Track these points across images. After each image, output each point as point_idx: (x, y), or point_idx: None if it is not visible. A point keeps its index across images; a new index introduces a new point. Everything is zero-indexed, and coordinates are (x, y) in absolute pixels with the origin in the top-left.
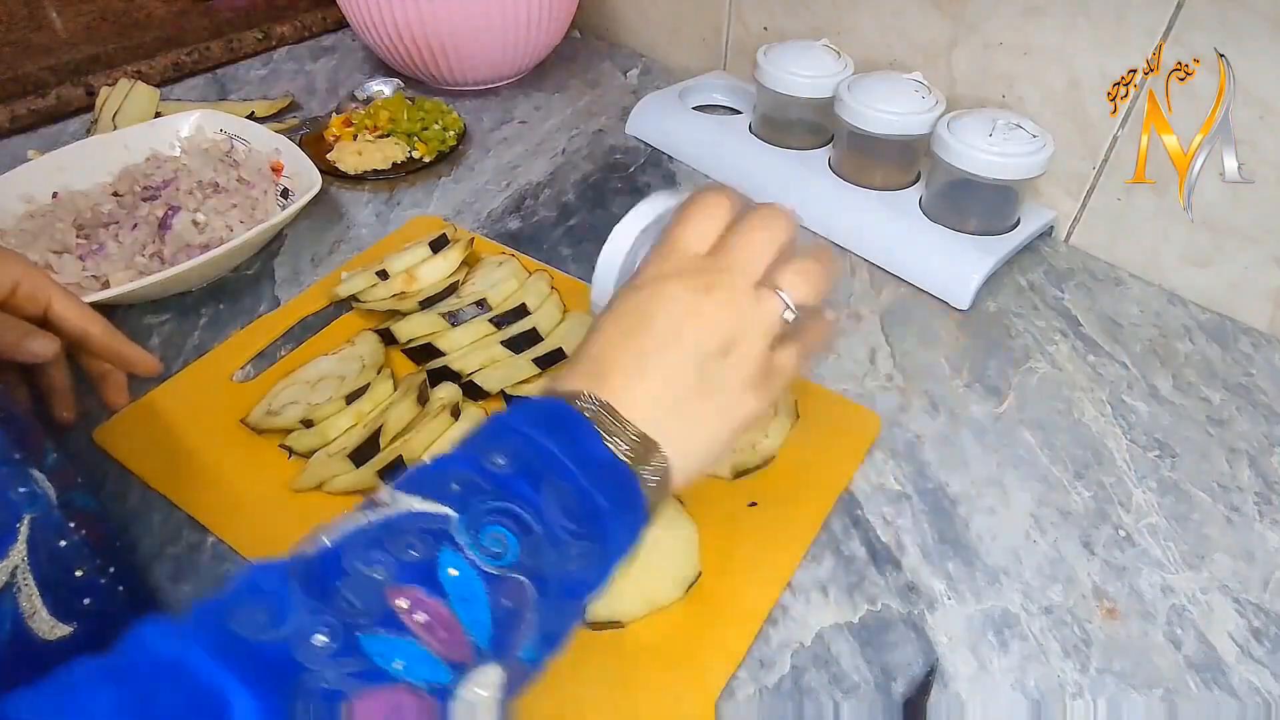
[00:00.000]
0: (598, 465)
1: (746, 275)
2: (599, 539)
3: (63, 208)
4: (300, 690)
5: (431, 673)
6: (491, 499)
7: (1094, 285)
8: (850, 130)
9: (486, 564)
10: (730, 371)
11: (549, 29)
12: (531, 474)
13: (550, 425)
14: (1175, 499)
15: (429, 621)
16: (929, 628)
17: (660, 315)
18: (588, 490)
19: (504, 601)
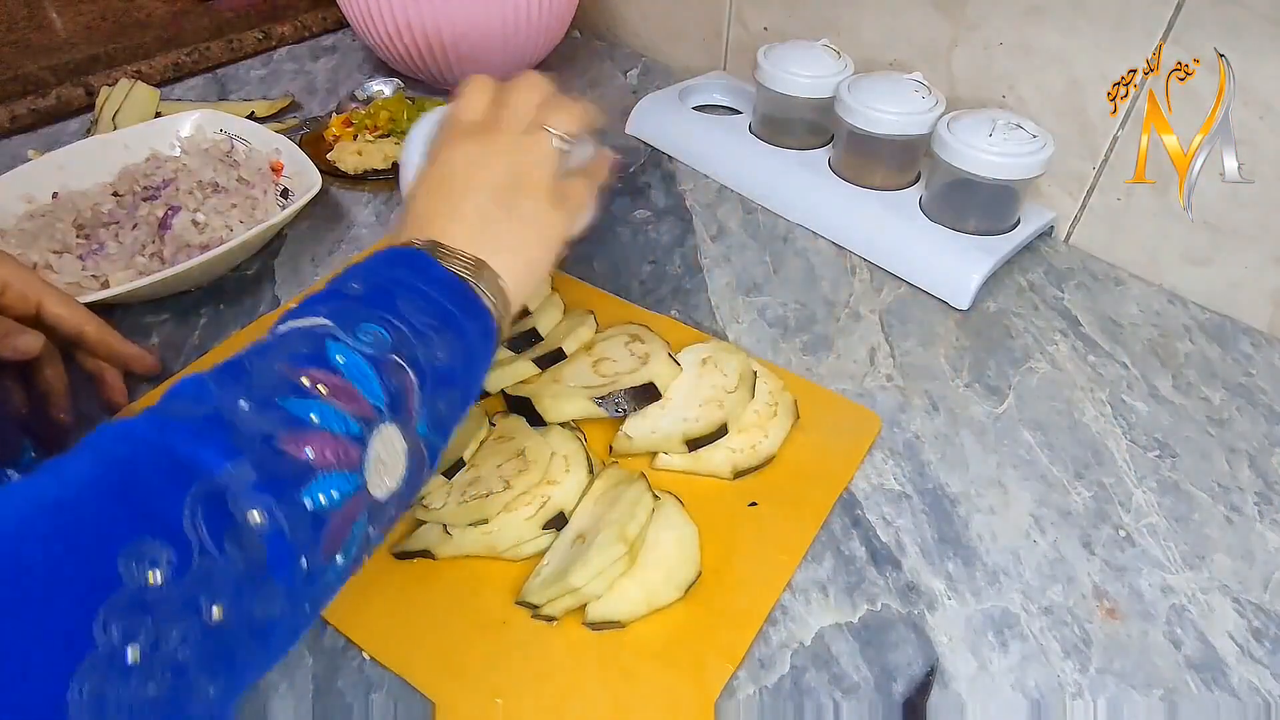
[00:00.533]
0: (438, 280)
1: (517, 122)
2: (456, 331)
3: (63, 208)
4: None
5: (343, 425)
6: (362, 308)
7: (1094, 285)
8: (850, 130)
9: (367, 349)
10: (526, 197)
11: (549, 29)
12: (387, 291)
13: (394, 261)
14: (1175, 499)
15: (331, 389)
16: (929, 628)
17: (457, 167)
18: (435, 297)
19: (388, 378)
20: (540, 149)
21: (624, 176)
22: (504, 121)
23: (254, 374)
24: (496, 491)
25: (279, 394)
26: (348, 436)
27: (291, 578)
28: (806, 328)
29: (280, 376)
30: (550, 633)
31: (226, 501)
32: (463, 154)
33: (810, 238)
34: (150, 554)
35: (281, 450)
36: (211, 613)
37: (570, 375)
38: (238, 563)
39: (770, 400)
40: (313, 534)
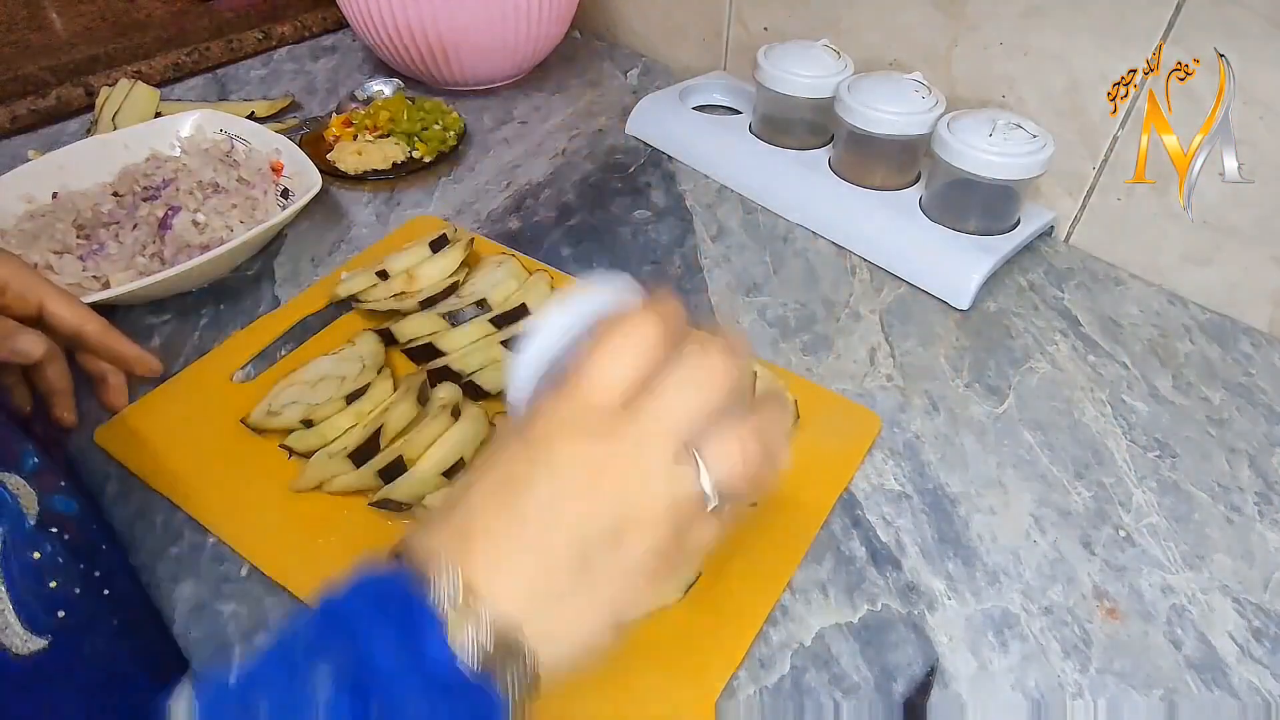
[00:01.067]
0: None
1: (661, 441)
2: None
3: (63, 208)
4: None
5: None
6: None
7: (1094, 285)
8: (850, 130)
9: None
10: (624, 558)
11: (549, 29)
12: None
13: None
14: (1175, 499)
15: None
16: (929, 628)
17: (542, 482)
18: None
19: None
20: (675, 496)
21: (624, 176)
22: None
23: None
24: None
25: None
26: None
27: None
28: (806, 328)
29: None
30: None
31: None
32: (561, 460)
33: (810, 238)
34: None
35: None
36: None
37: None
38: None
39: None
40: None
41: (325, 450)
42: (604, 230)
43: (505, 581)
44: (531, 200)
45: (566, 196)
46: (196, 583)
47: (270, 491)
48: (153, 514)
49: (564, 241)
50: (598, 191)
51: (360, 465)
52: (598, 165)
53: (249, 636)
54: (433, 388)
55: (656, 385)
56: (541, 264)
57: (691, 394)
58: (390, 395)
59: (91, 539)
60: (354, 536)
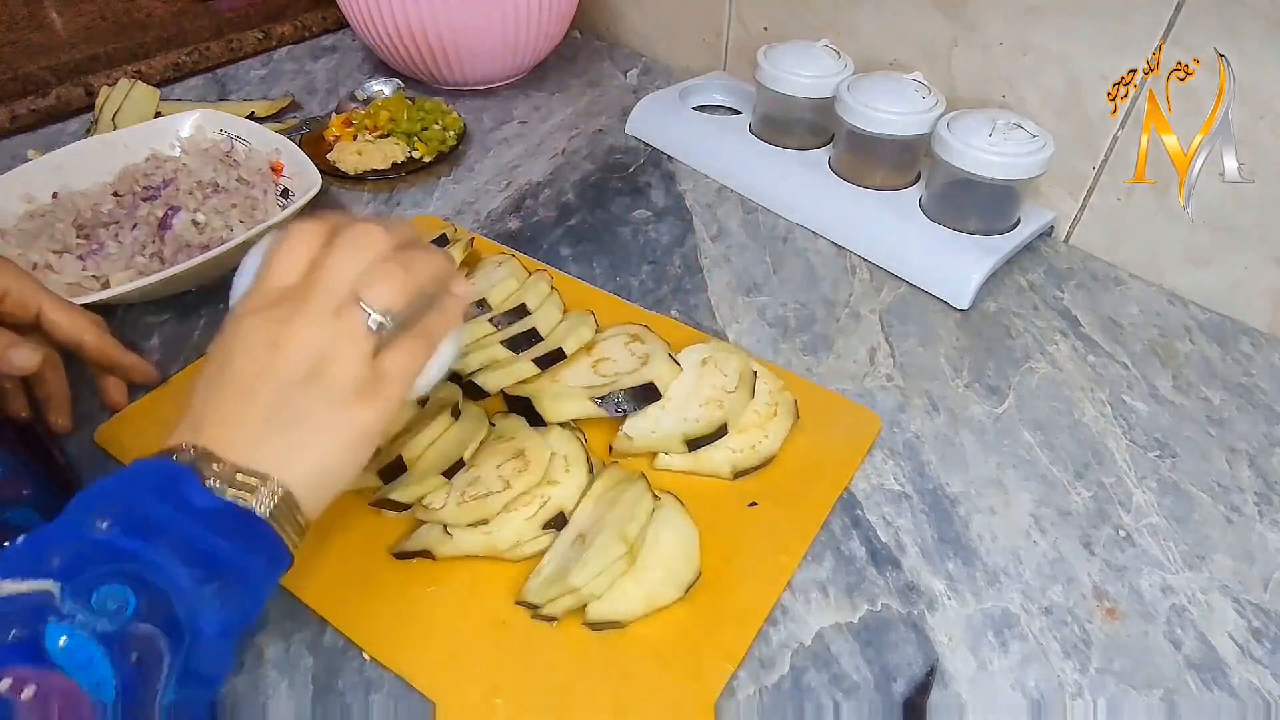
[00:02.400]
0: (206, 514)
1: (329, 295)
2: (230, 578)
3: (63, 208)
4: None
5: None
6: (102, 562)
7: (1094, 285)
8: (850, 130)
9: (101, 625)
10: (323, 391)
11: (549, 29)
12: (141, 530)
13: (153, 482)
14: (1175, 499)
15: (37, 695)
16: (929, 628)
17: (239, 353)
18: (201, 536)
19: (127, 657)
20: (349, 329)
21: (624, 176)
22: (314, 291)
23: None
24: (496, 492)
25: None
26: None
27: None
28: (806, 328)
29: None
30: (550, 633)
31: None
32: (254, 334)
33: (810, 238)
34: None
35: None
36: None
37: (570, 375)
38: None
39: (770, 400)
40: None
41: None
42: (604, 230)
43: (235, 439)
44: (531, 200)
45: (566, 196)
46: None
47: None
48: None
49: (564, 241)
50: (598, 191)
51: None
52: (598, 165)
53: (249, 636)
54: None
55: (320, 259)
56: (541, 264)
57: (347, 257)
58: None
59: None
60: (354, 536)
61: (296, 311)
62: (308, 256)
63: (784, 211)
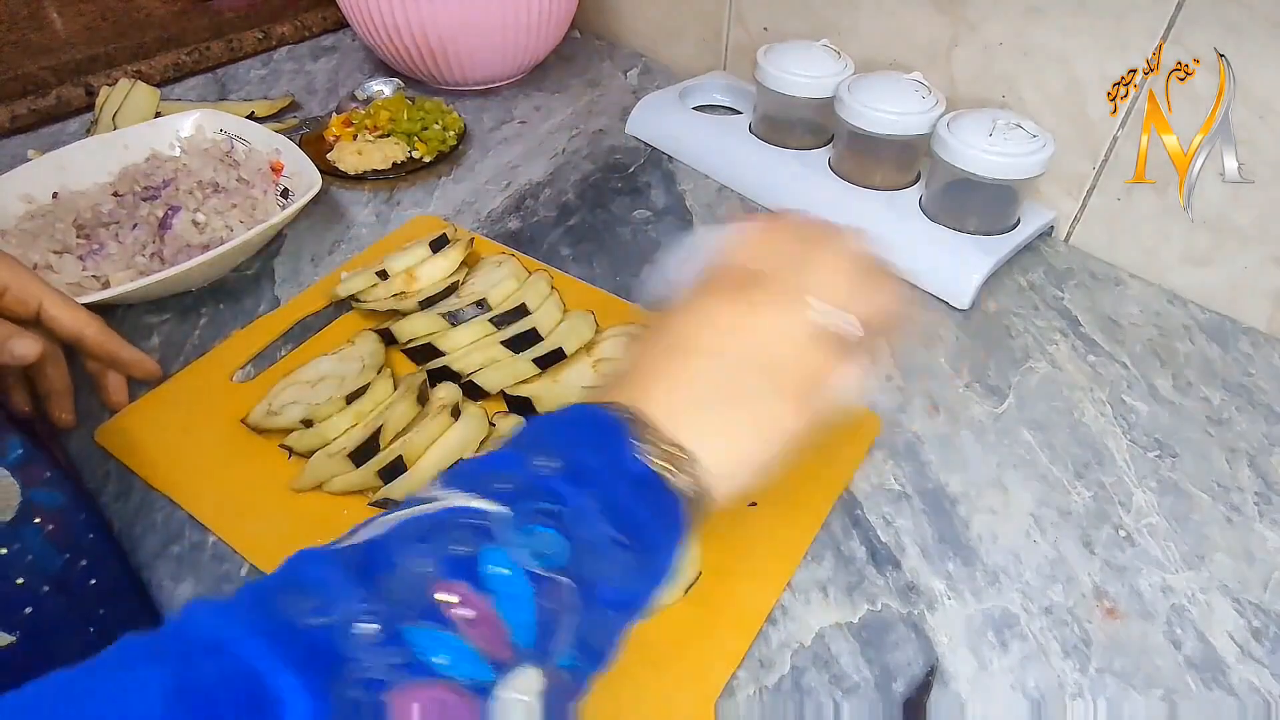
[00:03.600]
0: (637, 477)
1: (797, 294)
2: (641, 549)
3: (63, 208)
4: (343, 678)
5: (473, 669)
6: (540, 499)
7: (1094, 285)
8: (850, 130)
9: (532, 564)
10: (770, 385)
11: (549, 29)
12: (578, 479)
13: (592, 433)
14: (1175, 499)
15: (473, 617)
16: (929, 628)
17: (702, 329)
18: (630, 501)
19: (547, 603)
20: (809, 332)
21: (624, 176)
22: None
23: (393, 572)
24: None
25: (409, 615)
26: (471, 687)
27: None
28: None
29: (419, 584)
30: None
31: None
32: (717, 314)
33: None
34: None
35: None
36: None
37: (570, 375)
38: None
39: None
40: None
41: (325, 450)
42: (604, 230)
43: (675, 407)
44: (531, 200)
45: (566, 196)
46: (196, 582)
47: (270, 491)
48: (153, 513)
49: (564, 241)
50: (598, 191)
51: (360, 465)
52: (598, 165)
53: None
54: (432, 387)
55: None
56: (541, 264)
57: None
58: (390, 395)
59: (77, 530)
60: None
61: (768, 301)
62: (780, 249)
63: None
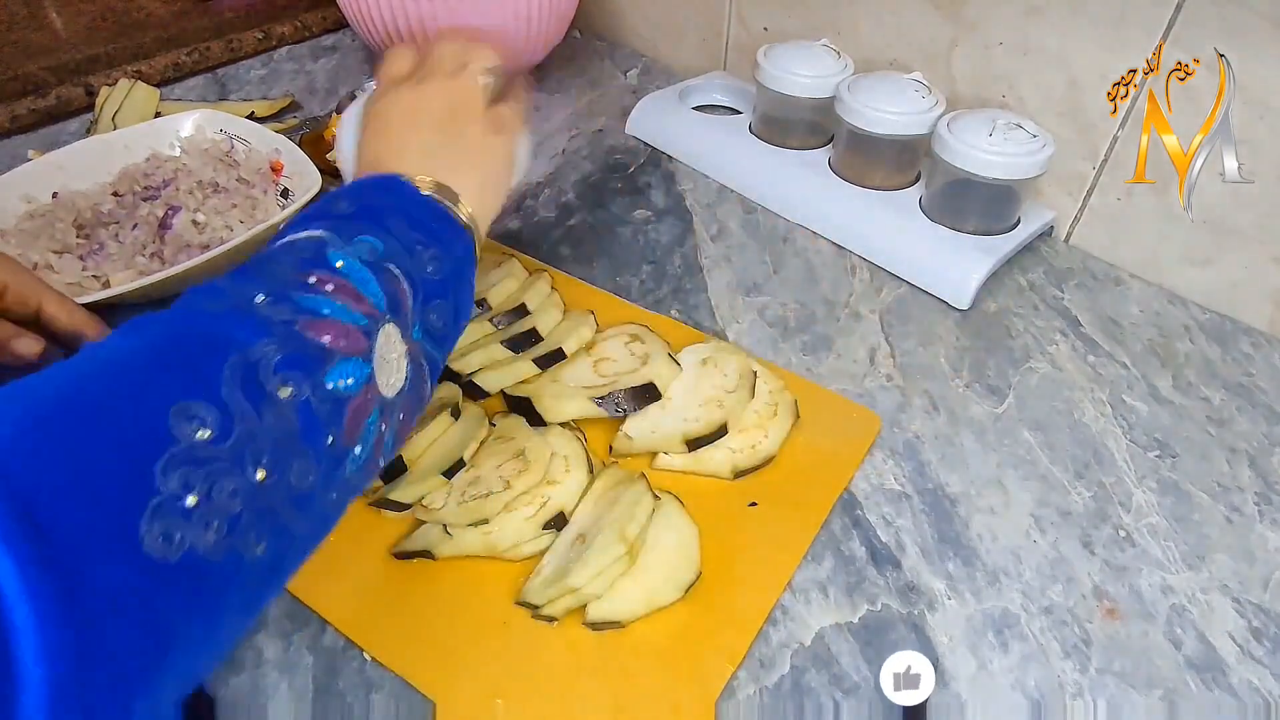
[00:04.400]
0: (417, 202)
1: (444, 66)
2: (441, 247)
3: (63, 208)
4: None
5: (350, 317)
6: (351, 223)
7: (1094, 285)
8: (850, 130)
9: (365, 256)
10: (466, 125)
11: (549, 29)
12: (373, 210)
13: (373, 185)
14: (1175, 499)
15: (336, 287)
16: (929, 628)
17: (394, 112)
18: (418, 216)
19: (387, 282)
20: (469, 84)
21: (624, 176)
22: (432, 66)
23: (263, 275)
24: (496, 491)
25: (290, 289)
26: (356, 327)
27: (321, 451)
28: (806, 328)
29: (289, 276)
30: (550, 633)
31: (258, 373)
32: (397, 101)
33: (810, 238)
34: (198, 414)
35: (302, 334)
36: (256, 473)
37: (570, 375)
38: (274, 429)
39: (770, 400)
40: (335, 413)
41: None
42: (604, 230)
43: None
44: (531, 200)
45: (566, 196)
46: None
47: None
48: None
49: (564, 241)
50: (598, 191)
51: None
52: (598, 165)
53: (249, 636)
54: None
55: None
56: (541, 264)
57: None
58: None
59: None
60: (354, 536)
61: (423, 80)
62: (410, 59)
63: (784, 211)
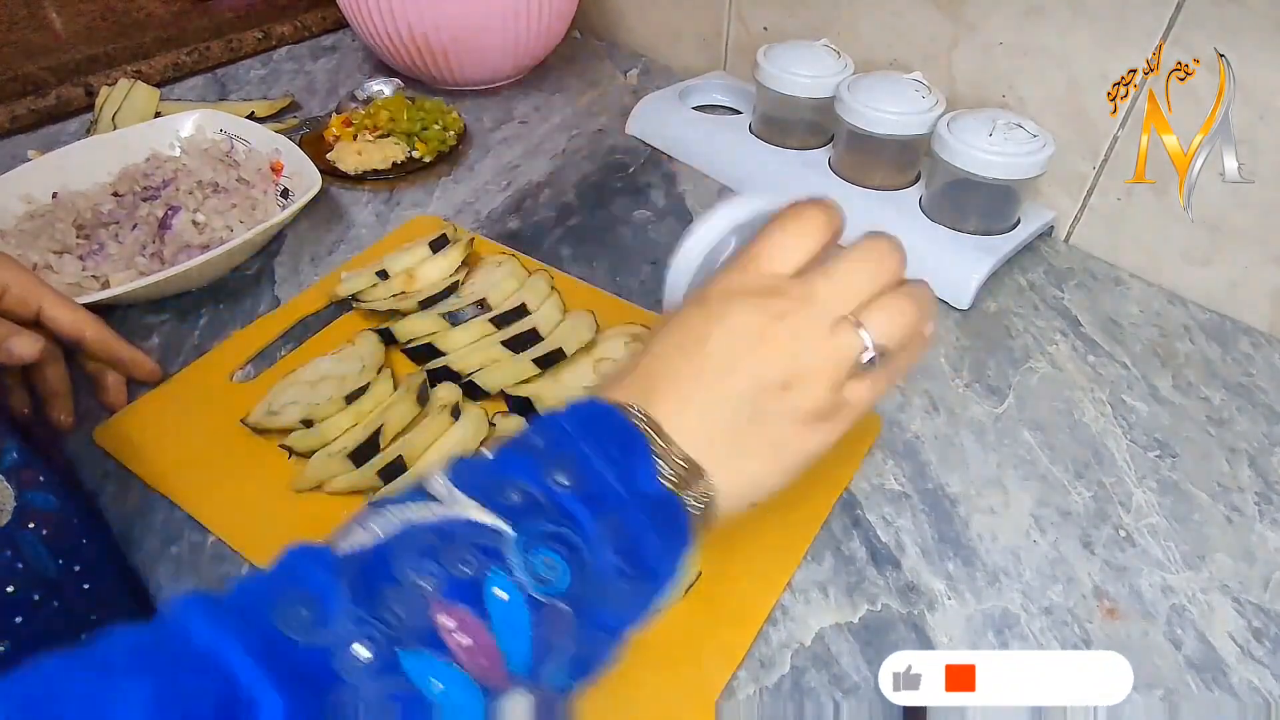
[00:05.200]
0: (652, 499)
1: (829, 308)
2: (645, 578)
3: (63, 208)
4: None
5: (464, 699)
6: (549, 521)
7: (1094, 285)
8: (850, 130)
9: (534, 590)
10: (789, 406)
11: (549, 29)
12: (590, 500)
13: (608, 442)
14: (1175, 499)
15: (471, 645)
16: (929, 628)
17: (719, 336)
18: (641, 528)
19: (544, 630)
20: (839, 352)
21: (624, 176)
22: (816, 297)
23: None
24: None
25: (410, 640)
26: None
27: None
28: None
29: (420, 604)
30: None
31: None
32: (738, 317)
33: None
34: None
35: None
36: None
37: (570, 375)
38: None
39: None
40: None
41: (325, 450)
42: (604, 230)
43: (686, 422)
44: (531, 200)
45: (566, 196)
46: (196, 583)
47: (270, 491)
48: (152, 514)
49: (564, 241)
50: (598, 191)
51: (360, 465)
52: (598, 165)
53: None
54: (432, 388)
55: (830, 262)
56: (541, 264)
57: (859, 274)
58: (390, 395)
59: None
60: None
61: (793, 312)
62: (811, 250)
63: None
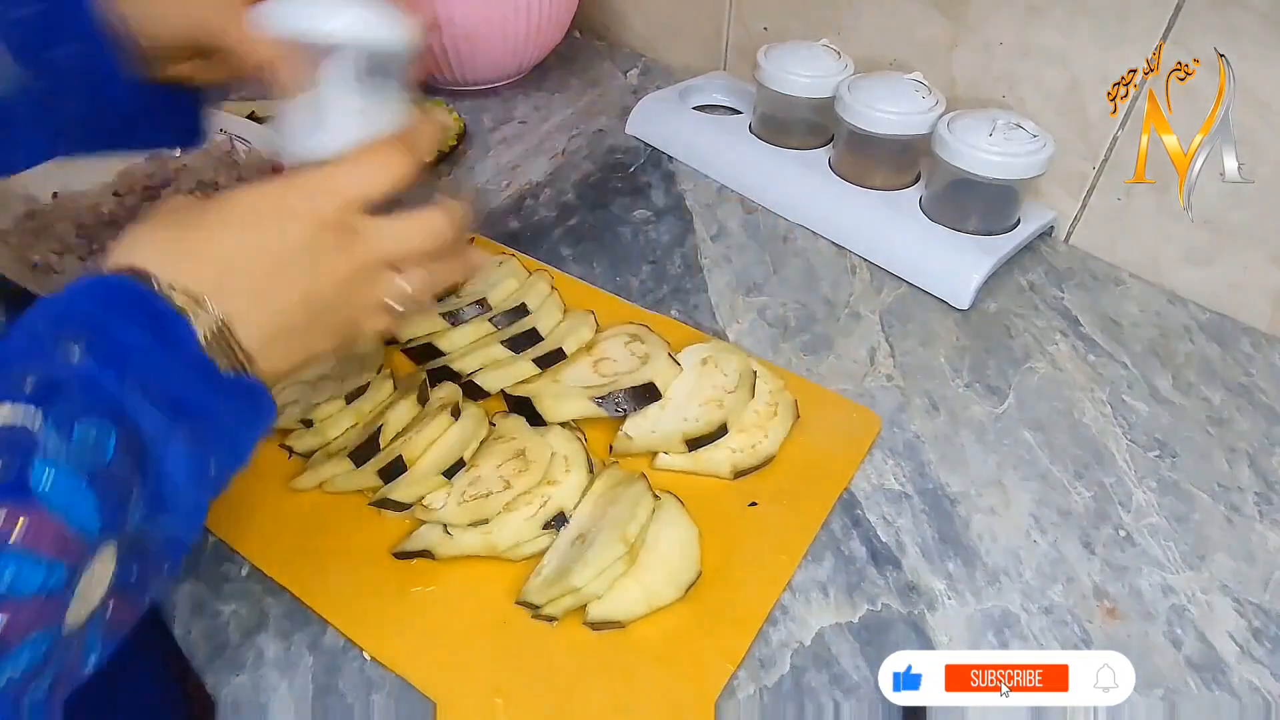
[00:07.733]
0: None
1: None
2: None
3: (63, 208)
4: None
5: (39, 578)
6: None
7: (1094, 285)
8: (850, 130)
9: (85, 461)
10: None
11: (549, 29)
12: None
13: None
14: (1175, 499)
15: (29, 528)
16: (929, 628)
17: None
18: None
19: (109, 490)
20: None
21: (624, 176)
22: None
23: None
24: (496, 491)
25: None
26: (44, 594)
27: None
28: (806, 328)
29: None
30: (550, 633)
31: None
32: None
33: (810, 238)
34: None
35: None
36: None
37: (570, 375)
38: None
39: (770, 400)
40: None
41: (325, 450)
42: (604, 230)
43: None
44: (531, 200)
45: (566, 196)
46: (196, 582)
47: (270, 491)
48: None
49: (564, 241)
50: (598, 191)
51: (360, 465)
52: (598, 165)
53: (249, 636)
54: (432, 387)
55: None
56: (541, 264)
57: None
58: (390, 395)
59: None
60: (354, 536)
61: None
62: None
63: (784, 211)
